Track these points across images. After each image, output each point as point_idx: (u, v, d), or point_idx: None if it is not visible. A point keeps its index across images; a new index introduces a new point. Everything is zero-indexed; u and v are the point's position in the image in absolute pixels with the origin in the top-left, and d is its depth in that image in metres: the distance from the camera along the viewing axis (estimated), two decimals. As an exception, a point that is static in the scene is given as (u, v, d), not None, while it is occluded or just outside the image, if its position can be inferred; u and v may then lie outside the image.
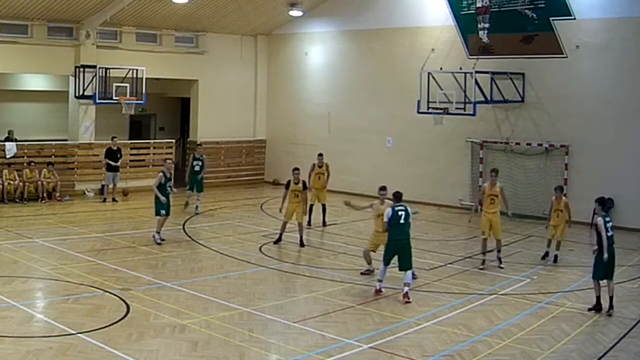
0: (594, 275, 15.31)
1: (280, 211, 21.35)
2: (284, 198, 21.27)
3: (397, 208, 15.62)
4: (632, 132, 24.59)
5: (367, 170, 30.82)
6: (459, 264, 19.09)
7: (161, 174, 20.75)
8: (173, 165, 22.31)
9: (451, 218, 26.42)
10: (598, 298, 15.21)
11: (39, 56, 28.28)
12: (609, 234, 15.24)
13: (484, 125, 27.74)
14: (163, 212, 20.67)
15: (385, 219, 15.76)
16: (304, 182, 21.67)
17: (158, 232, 20.65)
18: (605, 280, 15.19)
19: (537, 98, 26.64)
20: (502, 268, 18.75)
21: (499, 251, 19.20)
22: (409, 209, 15.85)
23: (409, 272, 15.77)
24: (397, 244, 15.64)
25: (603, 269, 15.14)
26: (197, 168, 26.38)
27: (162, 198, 20.48)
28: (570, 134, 25.82)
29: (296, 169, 21.67)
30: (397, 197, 15.97)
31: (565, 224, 19.96)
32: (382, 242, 16.52)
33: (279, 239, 21.11)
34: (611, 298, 15.10)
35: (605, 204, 16.11)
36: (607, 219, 15.47)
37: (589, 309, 15.14)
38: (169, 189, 20.85)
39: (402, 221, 15.55)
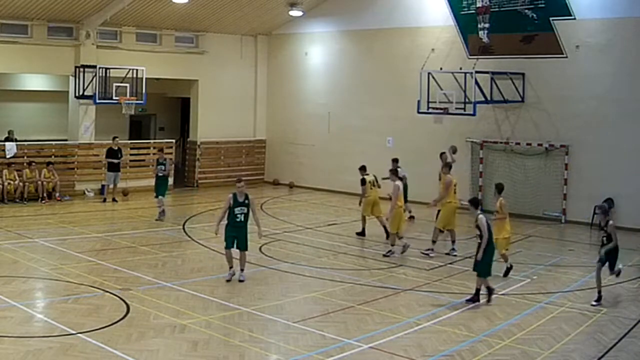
0: (483, 274, 15.60)
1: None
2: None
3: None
4: (632, 132, 24.59)
5: (367, 170, 30.76)
6: (459, 264, 19.09)
7: (230, 195, 16.81)
8: None
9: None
10: (478, 290, 15.64)
11: (39, 56, 28.30)
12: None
13: (484, 125, 27.75)
14: (228, 242, 16.89)
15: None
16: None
17: (231, 267, 16.95)
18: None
19: (537, 98, 26.65)
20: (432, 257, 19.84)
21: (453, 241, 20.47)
22: None
23: None
24: None
25: (490, 266, 15.61)
26: (160, 174, 24.80)
27: (216, 228, 16.94)
28: (570, 134, 25.83)
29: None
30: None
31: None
32: None
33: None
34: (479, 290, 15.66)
35: (478, 204, 16.17)
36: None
37: (467, 300, 15.54)
38: (240, 216, 16.72)
39: None
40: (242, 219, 16.70)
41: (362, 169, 23.56)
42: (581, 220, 24.65)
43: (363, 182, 22.92)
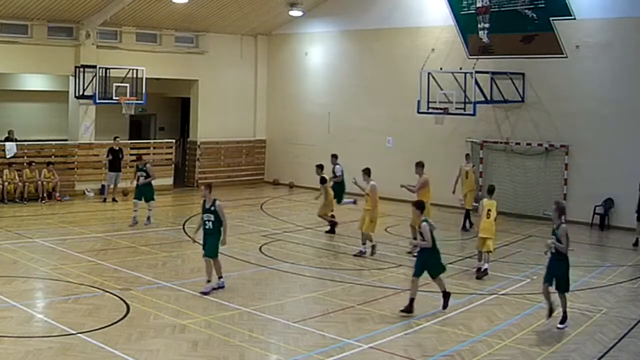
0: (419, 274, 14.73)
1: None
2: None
3: None
4: (632, 132, 24.56)
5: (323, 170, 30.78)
6: (458, 264, 19.06)
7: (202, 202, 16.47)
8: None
9: (451, 218, 26.36)
10: (412, 300, 14.68)
11: (39, 56, 28.29)
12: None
13: (484, 126, 27.76)
14: (205, 250, 16.21)
15: None
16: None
17: (208, 280, 15.96)
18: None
19: (537, 98, 26.65)
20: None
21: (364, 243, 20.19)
22: None
23: None
24: None
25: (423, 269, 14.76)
26: (140, 183, 23.86)
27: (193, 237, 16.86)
28: (570, 134, 25.83)
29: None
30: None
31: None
32: None
33: None
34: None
35: (423, 208, 15.35)
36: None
37: (401, 310, 14.55)
38: (207, 223, 16.10)
39: None
40: (210, 226, 15.94)
41: (320, 167, 23.78)
42: (581, 220, 24.63)
43: (323, 180, 23.17)
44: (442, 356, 12.31)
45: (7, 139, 29.45)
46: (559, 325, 13.94)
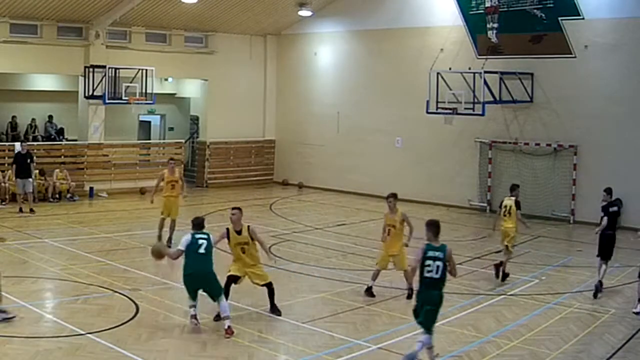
0: None
1: None
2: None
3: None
4: (641, 132, 24.57)
5: (376, 171, 30.83)
6: (467, 265, 19.02)
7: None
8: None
9: (460, 218, 26.42)
10: None
11: (49, 56, 28.38)
12: None
13: (493, 126, 27.73)
14: None
15: None
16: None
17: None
18: None
19: (546, 98, 26.63)
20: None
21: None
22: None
23: None
24: None
25: None
26: None
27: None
28: (579, 134, 25.80)
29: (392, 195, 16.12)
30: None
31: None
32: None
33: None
34: None
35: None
36: None
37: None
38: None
39: None
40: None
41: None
42: (590, 221, 24.51)
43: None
44: (450, 357, 12.32)
45: (11, 125, 30.08)
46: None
